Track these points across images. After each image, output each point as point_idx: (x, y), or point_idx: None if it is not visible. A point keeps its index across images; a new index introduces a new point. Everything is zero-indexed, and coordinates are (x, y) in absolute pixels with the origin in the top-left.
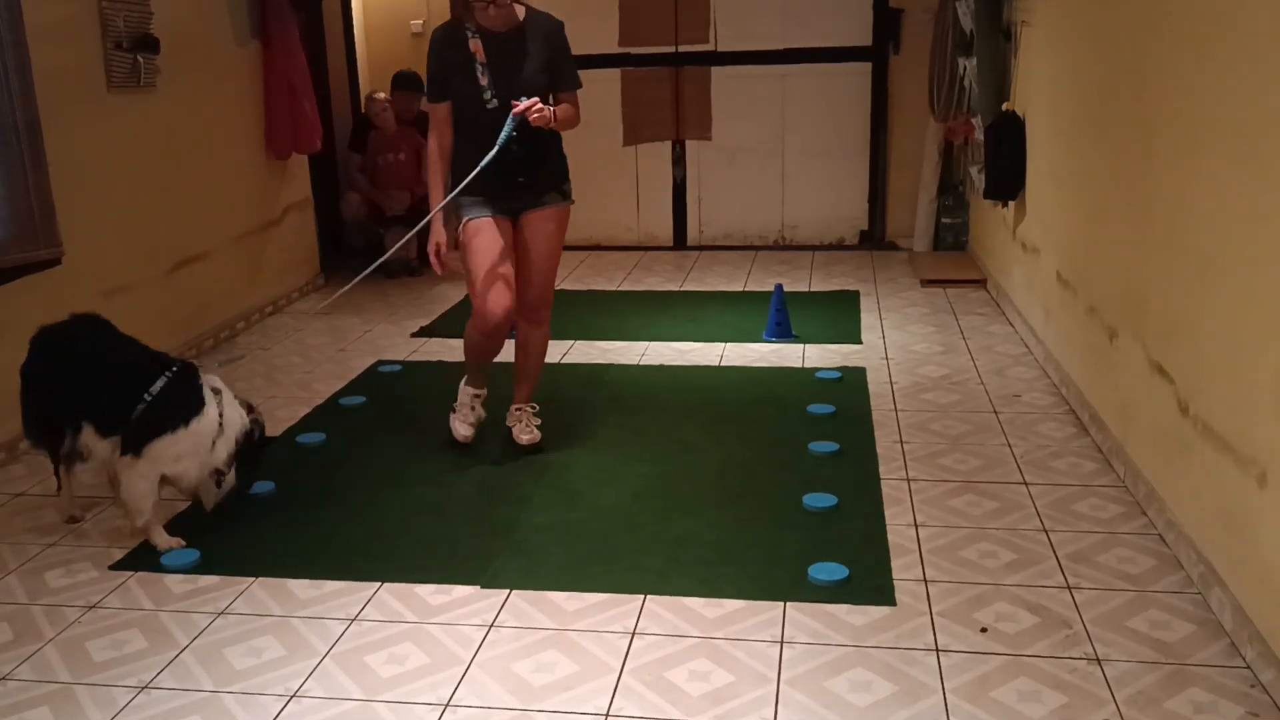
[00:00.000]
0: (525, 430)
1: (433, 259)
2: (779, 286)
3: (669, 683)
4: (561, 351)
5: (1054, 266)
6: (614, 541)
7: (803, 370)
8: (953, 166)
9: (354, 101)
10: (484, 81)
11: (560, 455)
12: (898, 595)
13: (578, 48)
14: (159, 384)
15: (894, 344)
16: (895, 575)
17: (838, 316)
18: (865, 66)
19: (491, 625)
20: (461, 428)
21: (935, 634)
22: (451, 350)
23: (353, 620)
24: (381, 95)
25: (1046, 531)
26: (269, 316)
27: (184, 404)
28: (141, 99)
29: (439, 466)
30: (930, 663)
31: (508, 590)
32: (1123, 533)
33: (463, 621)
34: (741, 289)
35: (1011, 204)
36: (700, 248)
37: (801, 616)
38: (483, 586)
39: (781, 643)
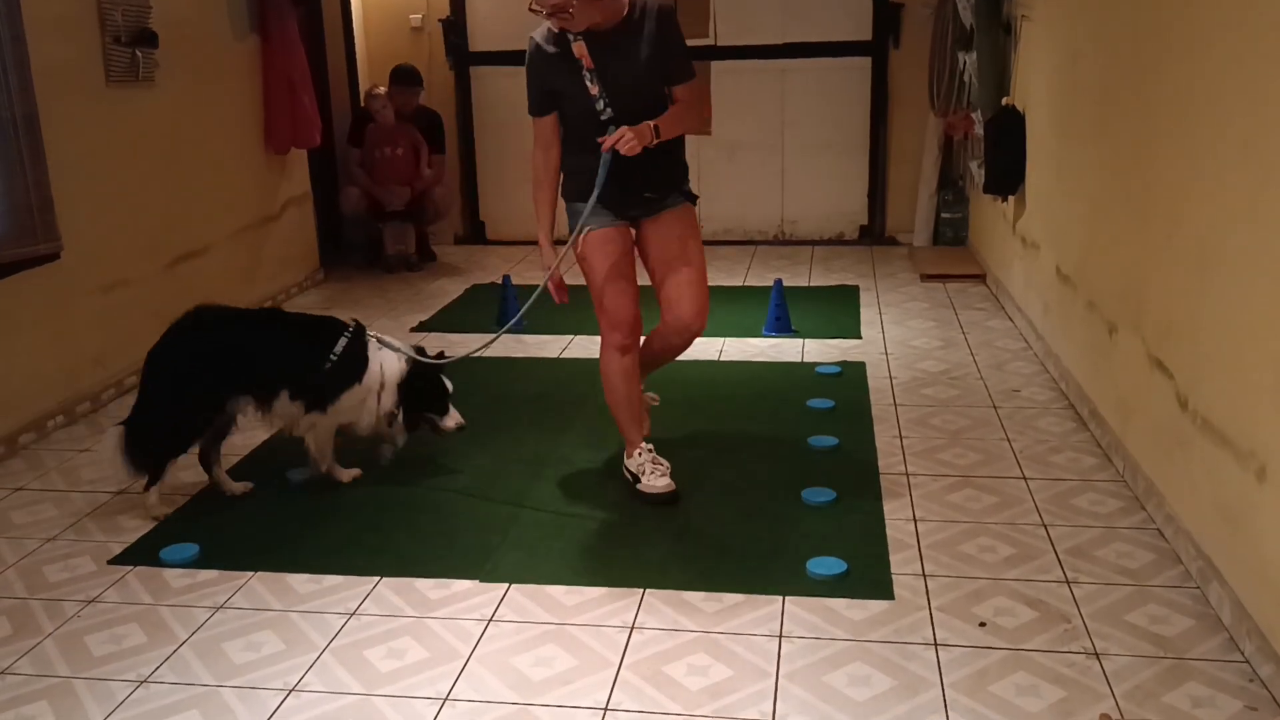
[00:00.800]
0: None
1: (552, 289)
2: (778, 281)
3: (668, 677)
4: (561, 346)
5: (1053, 261)
6: (613, 536)
7: (802, 365)
8: (952, 161)
9: (353, 96)
10: (594, 90)
11: (559, 450)
12: (896, 590)
13: None
14: (340, 344)
15: (893, 339)
16: (894, 570)
17: (837, 311)
18: (865, 61)
19: (490, 619)
20: (659, 481)
21: (934, 628)
22: (450, 344)
23: (352, 615)
24: (381, 90)
25: (1045, 526)
26: None
27: (358, 360)
28: (140, 94)
29: (438, 460)
30: (929, 657)
31: (507, 584)
32: (1122, 527)
33: (462, 616)
34: (741, 284)
35: (1011, 199)
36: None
37: (800, 611)
38: (482, 581)
39: (780, 637)
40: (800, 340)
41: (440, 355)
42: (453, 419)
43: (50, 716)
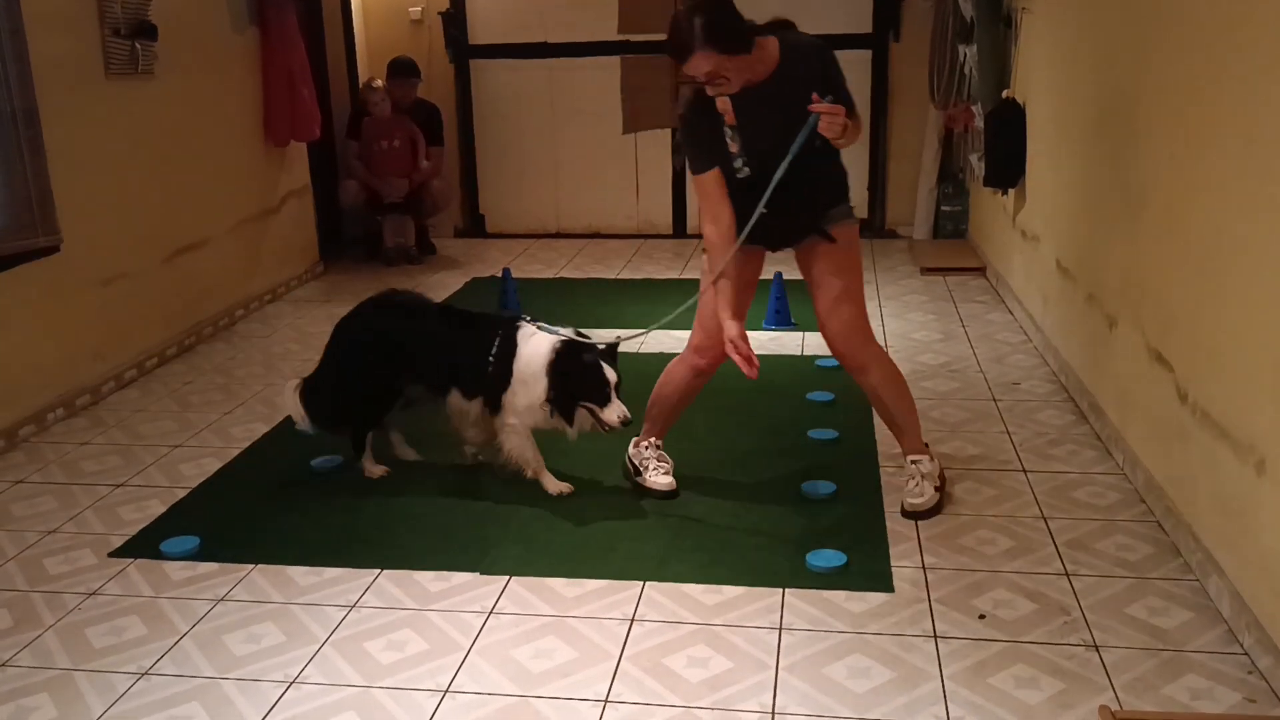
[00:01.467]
0: (912, 492)
1: (734, 356)
2: (779, 275)
3: (668, 669)
4: None
5: (1053, 254)
6: (613, 528)
7: (802, 358)
8: (953, 154)
9: (352, 89)
10: (734, 148)
11: (559, 442)
12: (896, 582)
13: (575, 35)
14: (496, 343)
15: (893, 332)
16: (894, 562)
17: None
18: (865, 54)
19: (491, 612)
20: (661, 479)
21: (933, 620)
22: None
23: (352, 607)
24: (378, 83)
25: (1045, 519)
26: (268, 304)
27: (509, 354)
28: (140, 86)
29: (437, 454)
30: (928, 649)
31: (507, 577)
32: (1121, 520)
33: (462, 608)
34: None
35: (1011, 192)
36: (700, 235)
37: (800, 603)
38: (482, 573)
39: (780, 629)
40: (800, 333)
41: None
42: (614, 411)
43: (51, 708)
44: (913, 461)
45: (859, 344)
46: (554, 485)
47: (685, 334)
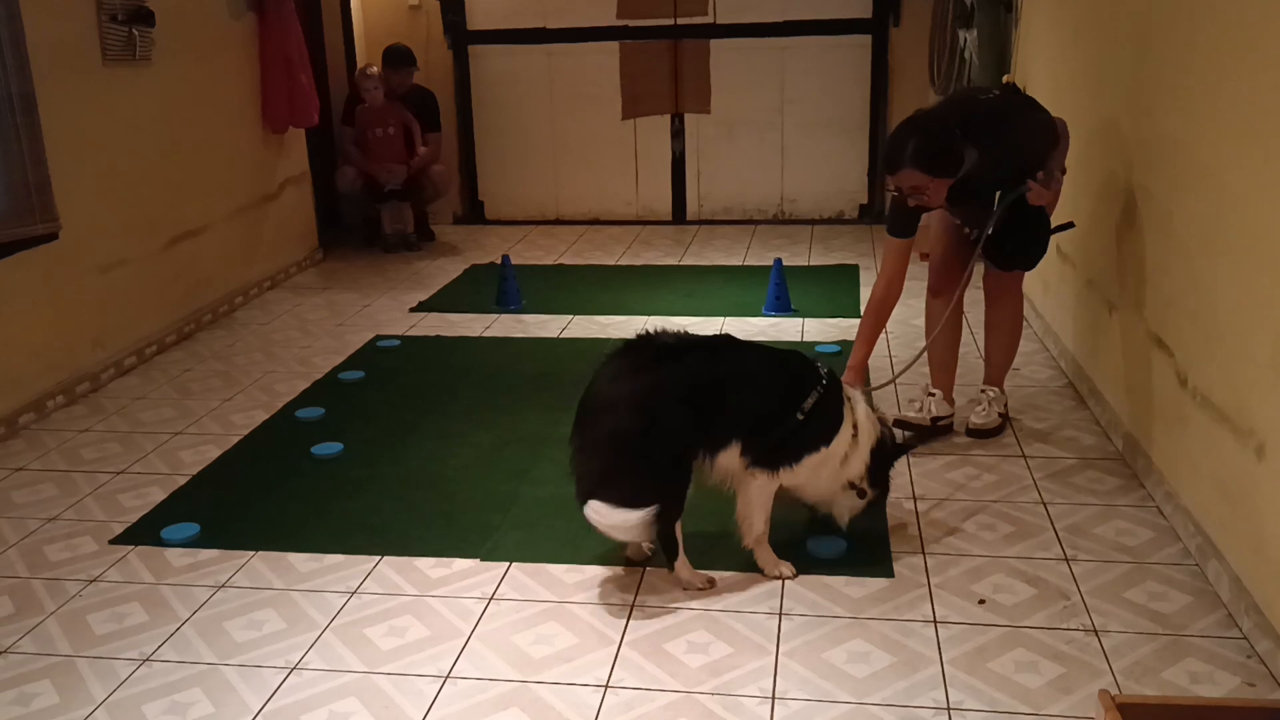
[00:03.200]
0: (978, 414)
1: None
2: (778, 260)
3: (668, 654)
4: (561, 326)
5: (1053, 240)
6: None
7: (802, 344)
8: None
9: (350, 75)
10: (958, 220)
11: (559, 429)
12: (896, 567)
13: (574, 21)
14: (810, 400)
15: (893, 318)
16: (893, 547)
17: (837, 290)
18: (865, 39)
19: (491, 598)
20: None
21: (933, 605)
22: (450, 325)
23: (353, 593)
24: (374, 69)
25: (1045, 504)
26: (267, 291)
27: (829, 420)
28: (137, 72)
29: (437, 441)
30: (928, 634)
31: (507, 563)
32: (1121, 505)
33: (463, 594)
34: (741, 263)
35: None
36: (699, 222)
37: (800, 588)
38: (482, 559)
39: (780, 614)
40: (800, 319)
41: (882, 421)
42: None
43: (53, 695)
44: (984, 390)
45: (1000, 279)
46: (773, 564)
47: (683, 319)
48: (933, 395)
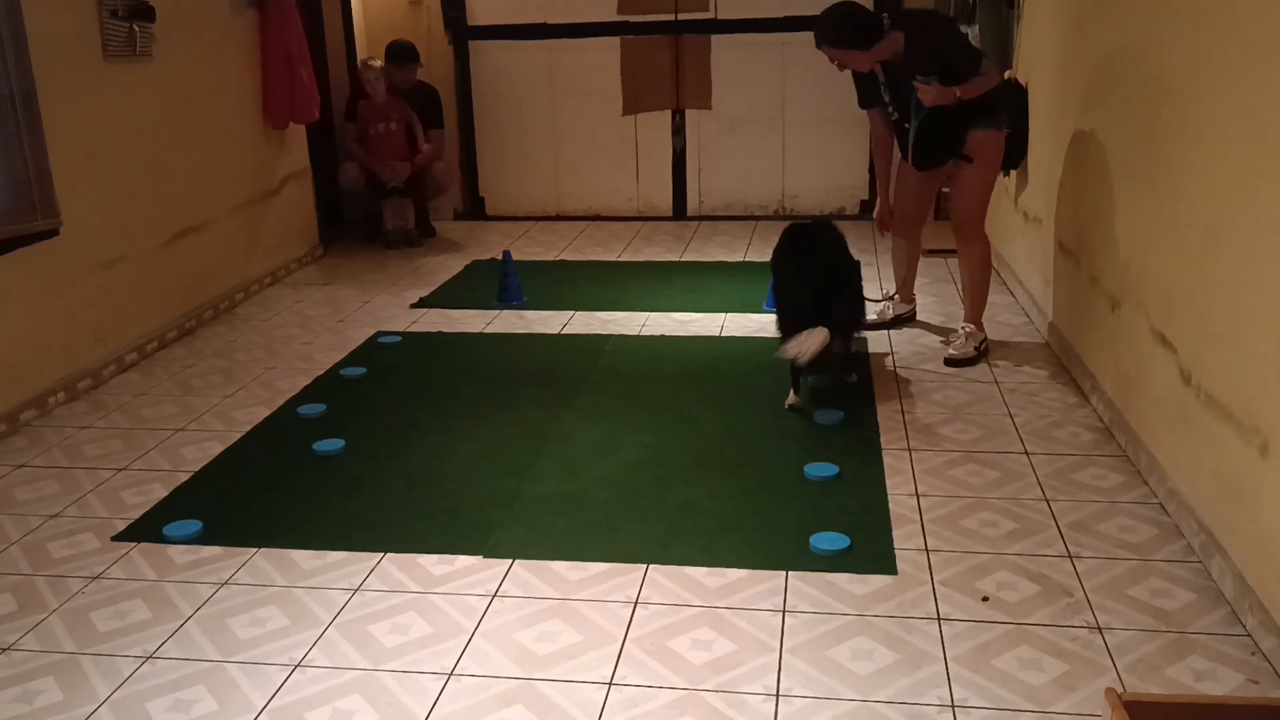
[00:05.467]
0: (954, 345)
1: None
2: None
3: (672, 651)
4: (562, 322)
5: (1056, 236)
6: (616, 511)
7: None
8: None
9: (351, 70)
10: (886, 97)
11: (561, 426)
12: (899, 564)
13: (575, 16)
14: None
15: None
16: (897, 544)
17: None
18: None
19: (494, 595)
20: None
21: (937, 603)
22: (451, 321)
23: (356, 590)
24: (376, 62)
25: (1048, 501)
26: (268, 287)
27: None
28: (138, 68)
29: (439, 437)
30: (932, 631)
31: (510, 560)
32: (1124, 502)
33: (466, 591)
34: (742, 259)
35: (1013, 173)
36: (700, 218)
37: (803, 585)
38: (485, 556)
39: (784, 611)
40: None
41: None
42: None
43: (56, 692)
44: (963, 326)
45: (963, 229)
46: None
47: (685, 315)
48: (891, 300)
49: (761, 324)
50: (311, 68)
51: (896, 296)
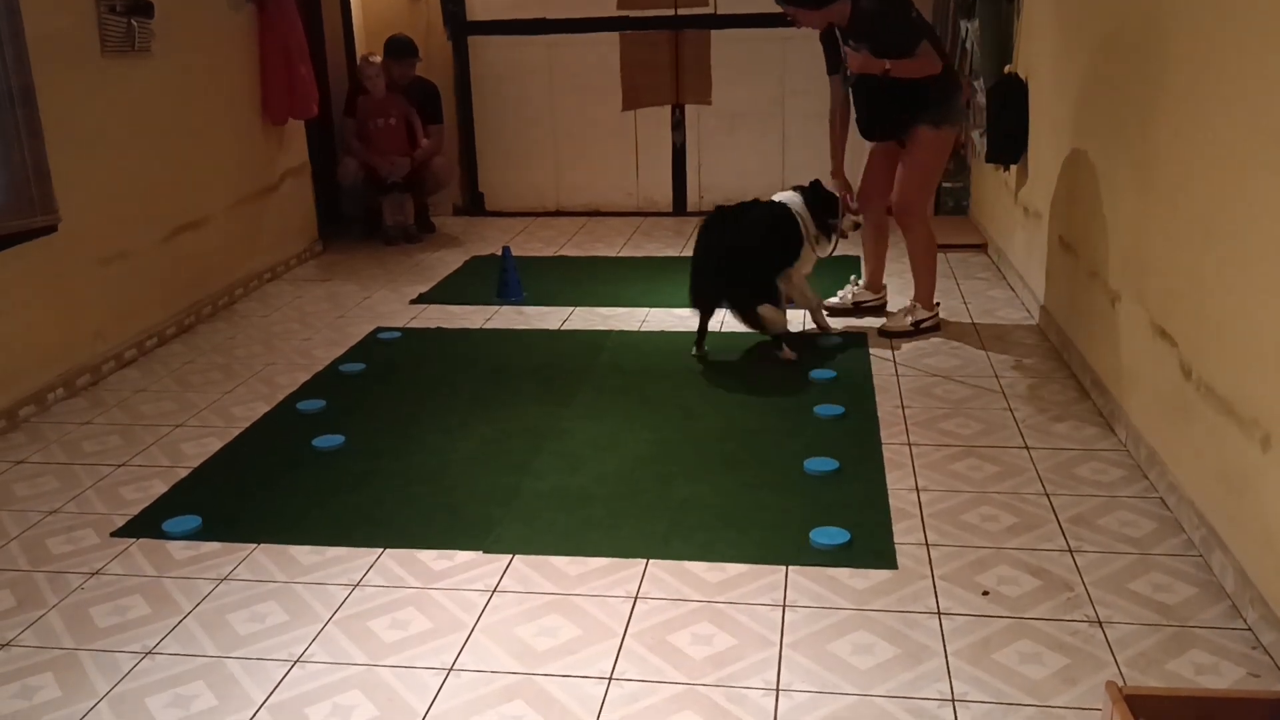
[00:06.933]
0: (893, 317)
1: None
2: None
3: (672, 646)
4: (562, 318)
5: (1056, 230)
6: (616, 506)
7: (803, 335)
8: None
9: (350, 66)
10: (846, 64)
11: (561, 422)
12: (899, 559)
13: (574, 11)
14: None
15: (895, 309)
16: (897, 539)
17: (838, 282)
18: None
19: (494, 590)
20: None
21: (937, 597)
22: (450, 316)
23: (355, 586)
24: (376, 57)
25: (1048, 495)
26: (267, 283)
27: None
28: (136, 63)
29: (439, 433)
30: (932, 625)
31: (510, 555)
32: (1124, 496)
33: (465, 586)
34: None
35: (1013, 168)
36: (701, 213)
37: (803, 580)
38: (485, 552)
39: (784, 606)
40: (802, 311)
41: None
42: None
43: (55, 688)
44: (911, 301)
45: (901, 216)
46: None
47: (685, 311)
48: (856, 285)
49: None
50: (310, 63)
51: (860, 283)
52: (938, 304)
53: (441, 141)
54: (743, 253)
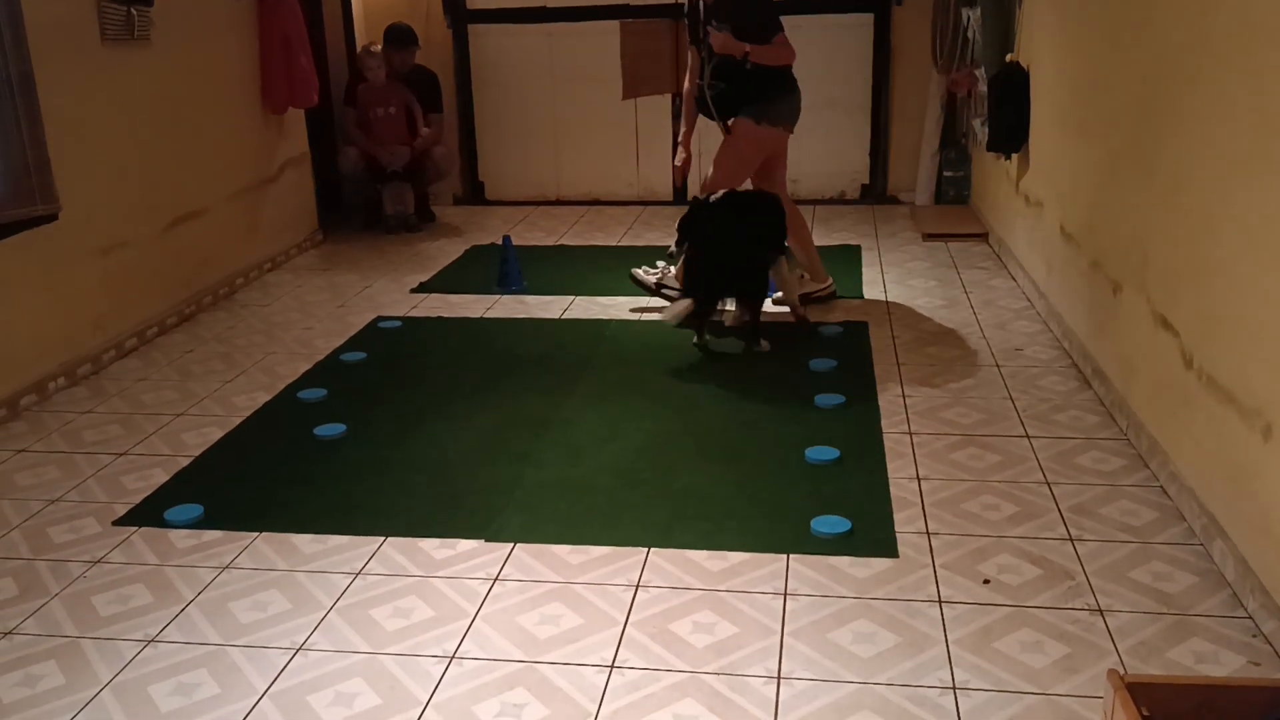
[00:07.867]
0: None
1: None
2: None
3: (673, 635)
4: (562, 307)
5: (1057, 220)
6: (617, 495)
7: (806, 326)
8: (955, 119)
9: (350, 55)
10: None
11: (562, 411)
12: (900, 547)
13: (574, 0)
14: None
15: (896, 298)
16: (898, 528)
17: (839, 271)
18: (867, 18)
19: (496, 579)
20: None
21: (938, 586)
22: (451, 306)
23: (357, 574)
24: (376, 47)
25: (1049, 484)
26: (268, 273)
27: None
28: (136, 52)
29: (440, 422)
30: (933, 614)
31: (512, 544)
32: (1125, 485)
33: (467, 575)
34: None
35: (1014, 157)
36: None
37: (805, 569)
38: (487, 540)
39: (785, 595)
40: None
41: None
42: None
43: (58, 675)
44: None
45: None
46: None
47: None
48: (800, 278)
49: (764, 310)
50: (310, 53)
51: (805, 276)
52: (830, 282)
53: (441, 130)
54: (754, 244)
